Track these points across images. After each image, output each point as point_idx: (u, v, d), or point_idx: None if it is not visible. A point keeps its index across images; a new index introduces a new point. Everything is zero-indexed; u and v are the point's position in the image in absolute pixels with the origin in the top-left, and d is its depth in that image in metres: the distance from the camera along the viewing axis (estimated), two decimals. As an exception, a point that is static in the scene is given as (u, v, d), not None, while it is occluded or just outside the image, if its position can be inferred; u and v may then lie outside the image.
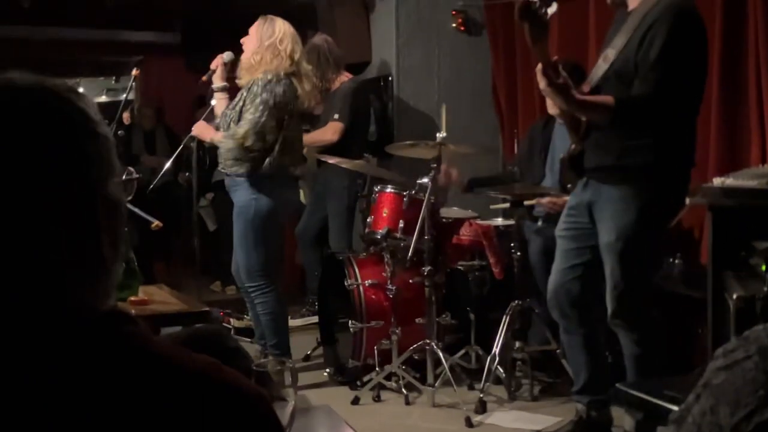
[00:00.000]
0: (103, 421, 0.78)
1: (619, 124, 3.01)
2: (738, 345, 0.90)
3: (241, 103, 4.04)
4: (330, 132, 5.06)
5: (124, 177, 3.60)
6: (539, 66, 2.92)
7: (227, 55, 4.22)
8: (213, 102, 4.30)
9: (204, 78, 4.27)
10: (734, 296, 2.91)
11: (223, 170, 4.18)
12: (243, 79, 4.11)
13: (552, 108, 4.40)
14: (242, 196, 4.07)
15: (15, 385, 0.78)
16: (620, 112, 2.98)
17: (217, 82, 4.26)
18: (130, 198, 3.47)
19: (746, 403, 0.83)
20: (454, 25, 6.02)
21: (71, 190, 0.85)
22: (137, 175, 3.92)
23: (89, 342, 0.81)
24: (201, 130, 4.23)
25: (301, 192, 5.48)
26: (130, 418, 0.79)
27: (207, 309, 3.13)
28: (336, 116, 5.08)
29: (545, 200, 4.24)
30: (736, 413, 0.83)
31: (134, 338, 0.84)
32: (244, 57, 4.11)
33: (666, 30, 2.93)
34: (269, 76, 3.98)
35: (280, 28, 4.07)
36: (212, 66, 4.24)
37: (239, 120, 4.02)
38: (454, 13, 6.00)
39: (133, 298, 3.04)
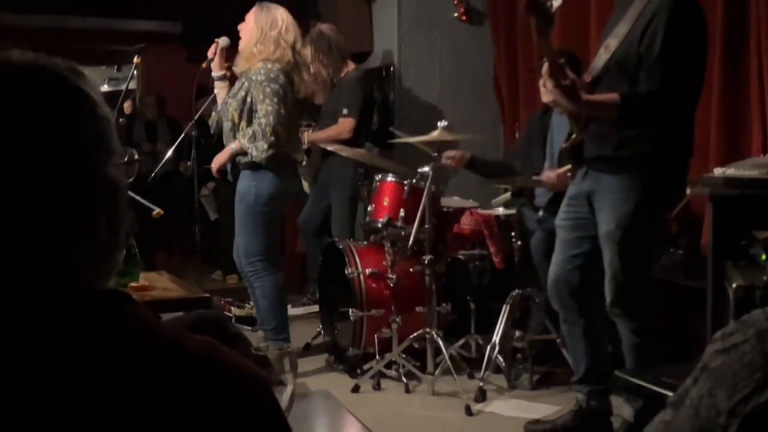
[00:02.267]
0: (102, 400, 0.78)
1: (627, 120, 3.01)
2: (736, 328, 0.90)
3: (243, 93, 4.03)
4: (345, 130, 5.06)
5: (125, 159, 3.60)
6: (545, 67, 2.92)
7: (223, 41, 4.22)
8: (216, 91, 4.30)
9: (204, 65, 4.27)
10: (734, 285, 2.92)
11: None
12: (240, 67, 4.11)
13: (545, 96, 4.39)
14: (243, 181, 4.12)
15: (13, 366, 0.78)
16: (627, 108, 2.98)
17: (216, 70, 4.25)
18: (131, 180, 3.47)
19: (744, 385, 0.83)
20: (455, 15, 6.02)
21: (69, 171, 0.84)
22: (139, 157, 3.92)
23: (87, 321, 0.82)
24: (218, 159, 4.21)
25: (303, 182, 5.49)
26: (129, 397, 0.79)
27: (208, 295, 3.13)
28: (345, 111, 5.08)
29: (544, 176, 4.21)
30: (733, 396, 0.83)
31: (132, 318, 0.84)
32: (242, 44, 4.10)
33: (667, 21, 2.92)
34: (269, 65, 3.98)
35: (282, 18, 4.06)
36: (209, 53, 4.23)
37: (243, 108, 4.02)
38: (455, 2, 5.99)
39: (133, 284, 3.04)
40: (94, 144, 0.88)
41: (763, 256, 2.93)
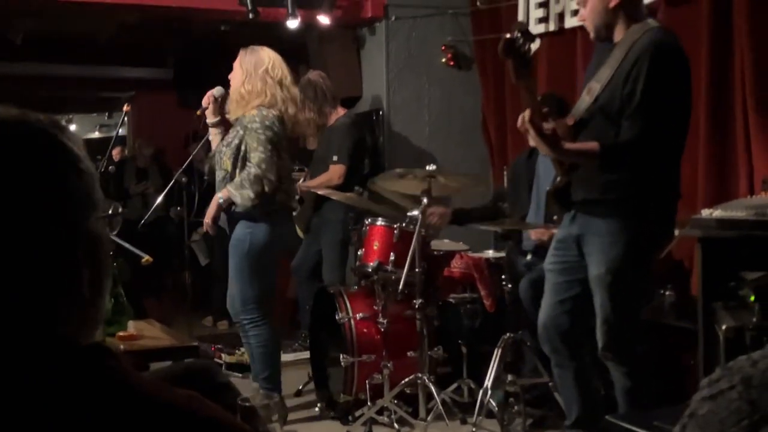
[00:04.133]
0: None
1: (607, 168, 3.03)
2: (722, 375, 0.90)
3: (237, 141, 4.02)
4: (336, 176, 5.10)
5: (109, 212, 3.59)
6: (527, 114, 2.93)
7: (217, 91, 4.22)
8: (209, 137, 4.30)
9: (198, 113, 4.25)
10: (723, 327, 2.92)
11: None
12: (233, 113, 4.11)
13: (533, 140, 4.42)
14: (238, 229, 4.07)
15: None
16: (607, 158, 3.00)
17: (211, 117, 4.24)
18: (115, 233, 3.45)
19: (731, 432, 0.83)
20: (443, 60, 6.08)
21: (51, 226, 0.85)
22: (123, 210, 3.91)
23: (68, 376, 0.81)
24: (209, 213, 4.12)
25: (297, 228, 5.49)
26: None
27: (196, 344, 3.11)
28: (335, 158, 5.11)
29: (533, 233, 4.24)
30: (721, 443, 0.83)
31: (114, 372, 0.84)
32: (232, 90, 4.11)
33: (648, 68, 2.93)
34: (264, 112, 3.98)
35: (269, 56, 4.08)
36: (204, 103, 4.23)
37: (237, 156, 4.01)
38: (443, 48, 6.06)
39: (121, 333, 3.02)
40: (77, 198, 0.88)
41: (752, 297, 2.93)
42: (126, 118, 5.04)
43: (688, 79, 3.06)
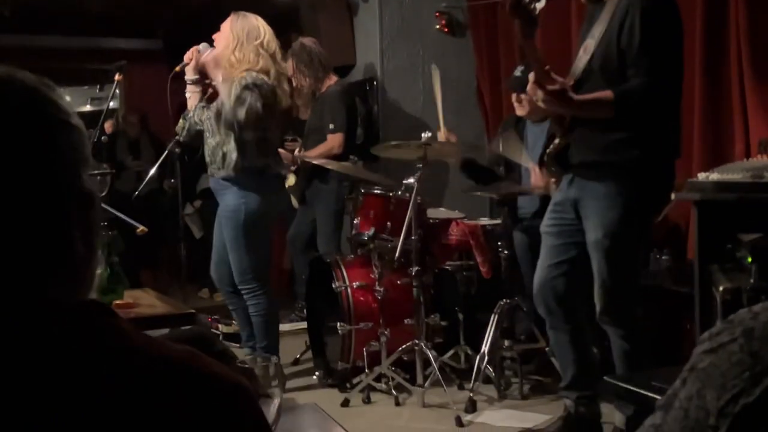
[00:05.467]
0: (78, 412, 0.77)
1: (623, 115, 2.99)
2: (723, 328, 0.89)
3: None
4: (335, 146, 5.09)
5: (99, 172, 3.54)
6: (532, 75, 2.92)
7: (203, 46, 4.12)
8: (186, 94, 4.19)
9: (177, 68, 4.14)
10: (720, 289, 2.92)
11: (211, 175, 4.14)
12: (222, 75, 4.06)
13: (520, 110, 4.41)
14: (231, 199, 4.04)
15: None
16: (622, 103, 2.96)
17: (190, 74, 4.14)
18: (103, 194, 3.42)
19: (732, 385, 0.82)
20: (437, 26, 6.04)
21: (42, 182, 0.83)
22: (111, 171, 3.86)
23: (63, 333, 0.80)
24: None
25: (292, 198, 5.48)
26: (107, 408, 0.77)
27: (193, 311, 3.10)
28: (332, 127, 5.08)
29: (533, 181, 4.22)
30: (722, 396, 0.83)
31: (110, 328, 0.83)
32: (218, 53, 4.02)
33: (641, 14, 2.93)
34: (254, 74, 3.93)
35: (263, 28, 4.03)
36: (186, 58, 4.12)
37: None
38: (437, 14, 6.02)
39: (118, 302, 3.02)
40: (68, 154, 0.87)
41: (749, 259, 2.93)
42: (117, 90, 4.97)
43: (679, 24, 3.04)
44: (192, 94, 4.17)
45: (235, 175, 4.00)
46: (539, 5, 2.75)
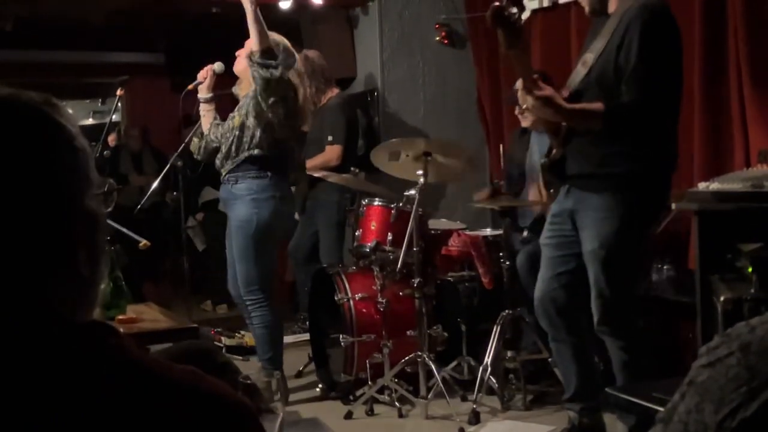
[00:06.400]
0: None
1: (611, 129, 3.01)
2: (720, 342, 0.90)
3: (246, 106, 4.01)
4: (333, 157, 5.09)
5: (104, 189, 3.51)
6: (520, 83, 2.94)
7: (218, 66, 4.14)
8: (201, 112, 4.23)
9: (190, 86, 4.17)
10: (722, 299, 2.93)
11: (224, 181, 4.15)
12: (244, 89, 4.09)
13: (524, 121, 4.43)
14: (243, 210, 4.05)
15: None
16: (611, 117, 2.98)
17: (204, 93, 4.19)
18: (110, 210, 3.43)
19: (730, 399, 0.83)
20: (437, 38, 6.06)
21: (47, 204, 0.84)
22: (117, 186, 3.86)
23: (67, 354, 0.81)
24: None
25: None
26: (108, 429, 0.78)
27: (196, 325, 3.11)
28: (330, 138, 5.09)
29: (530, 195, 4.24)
30: (720, 410, 0.83)
31: (114, 349, 0.84)
32: (243, 69, 4.06)
33: (641, 32, 2.94)
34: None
35: (287, 44, 4.07)
36: (200, 76, 4.16)
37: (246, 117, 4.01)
38: (437, 26, 6.04)
39: (121, 317, 3.03)
40: (72, 176, 0.88)
41: (750, 269, 2.94)
42: (120, 104, 4.99)
43: (679, 42, 3.06)
44: (206, 113, 4.20)
45: (259, 153, 3.99)
46: (523, 15, 2.76)
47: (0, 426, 0.76)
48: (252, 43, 3.91)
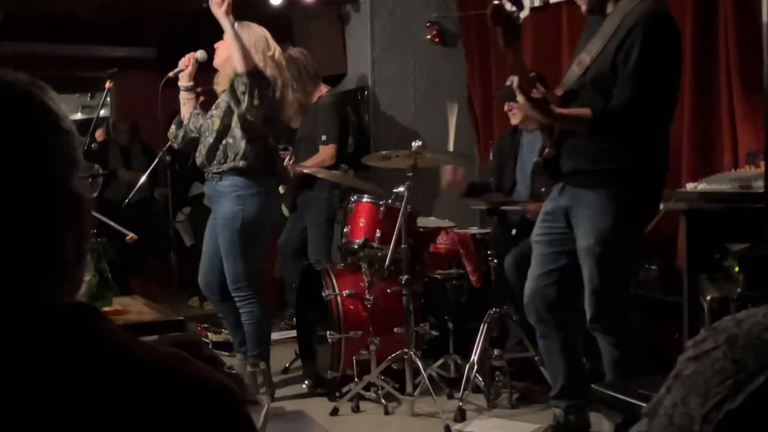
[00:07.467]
0: (66, 412, 0.77)
1: (597, 134, 3.03)
2: (707, 335, 0.90)
3: (225, 104, 3.97)
4: (328, 157, 5.08)
5: (89, 174, 3.49)
6: (515, 81, 2.94)
7: (201, 54, 4.09)
8: (181, 101, 4.18)
9: (171, 74, 4.12)
10: (708, 298, 2.94)
11: (209, 178, 4.12)
12: (221, 84, 4.04)
13: (514, 118, 4.44)
14: (228, 207, 4.03)
15: None
16: (598, 123, 3.00)
17: (185, 80, 4.14)
18: (95, 194, 3.40)
19: (716, 392, 0.83)
20: (428, 36, 6.06)
21: (32, 184, 0.84)
22: (104, 172, 3.83)
23: (51, 334, 0.80)
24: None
25: (282, 206, 5.47)
26: (93, 410, 0.78)
27: (182, 318, 3.09)
28: (324, 138, 5.08)
29: (529, 207, 4.24)
30: (706, 403, 0.83)
31: (98, 330, 0.83)
32: (221, 62, 4.03)
33: (643, 37, 2.93)
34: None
35: (268, 38, 4.04)
36: (182, 64, 4.11)
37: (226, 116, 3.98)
38: (428, 24, 6.04)
39: (107, 309, 3.01)
40: (59, 157, 0.87)
41: (736, 269, 2.95)
42: (109, 98, 4.96)
43: (679, 49, 3.07)
44: (186, 101, 4.17)
45: (244, 165, 3.97)
46: (522, 14, 2.77)
47: None
48: (236, 65, 3.86)
